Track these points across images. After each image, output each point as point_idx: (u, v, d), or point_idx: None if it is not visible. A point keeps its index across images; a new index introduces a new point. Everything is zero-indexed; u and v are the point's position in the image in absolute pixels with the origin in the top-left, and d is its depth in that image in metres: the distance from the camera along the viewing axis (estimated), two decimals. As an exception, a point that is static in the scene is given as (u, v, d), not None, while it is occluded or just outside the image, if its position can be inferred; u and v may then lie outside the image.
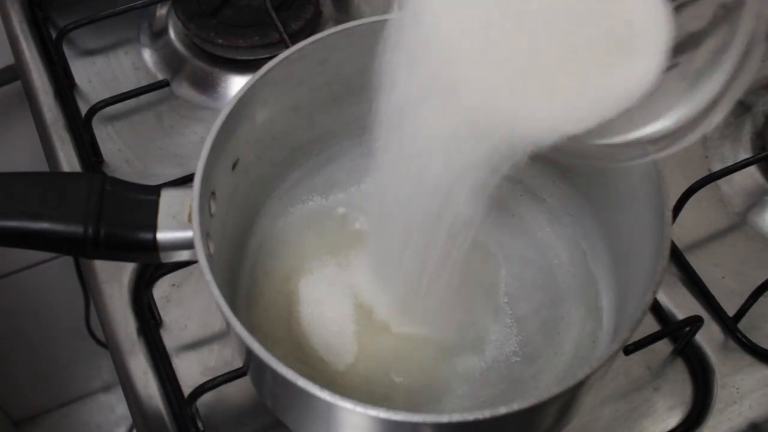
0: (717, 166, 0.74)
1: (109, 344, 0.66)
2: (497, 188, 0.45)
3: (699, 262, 0.69)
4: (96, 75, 0.80)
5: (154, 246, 0.51)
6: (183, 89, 0.79)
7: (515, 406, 0.44)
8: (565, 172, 0.64)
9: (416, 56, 0.39)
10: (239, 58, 0.79)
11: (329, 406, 0.45)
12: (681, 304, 0.67)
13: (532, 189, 0.66)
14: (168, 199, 0.52)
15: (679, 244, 0.70)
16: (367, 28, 0.59)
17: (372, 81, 0.63)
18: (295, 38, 0.76)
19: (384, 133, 0.44)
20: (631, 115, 0.40)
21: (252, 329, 0.57)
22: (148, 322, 0.65)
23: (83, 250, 0.51)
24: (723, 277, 0.69)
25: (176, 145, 0.76)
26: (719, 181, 0.72)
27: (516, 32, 0.37)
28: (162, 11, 0.84)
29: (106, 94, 0.75)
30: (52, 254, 1.23)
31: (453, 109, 0.39)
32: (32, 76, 0.79)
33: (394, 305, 0.55)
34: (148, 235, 0.51)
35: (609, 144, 0.41)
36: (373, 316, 0.56)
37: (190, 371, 0.63)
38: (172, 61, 0.81)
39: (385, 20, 0.58)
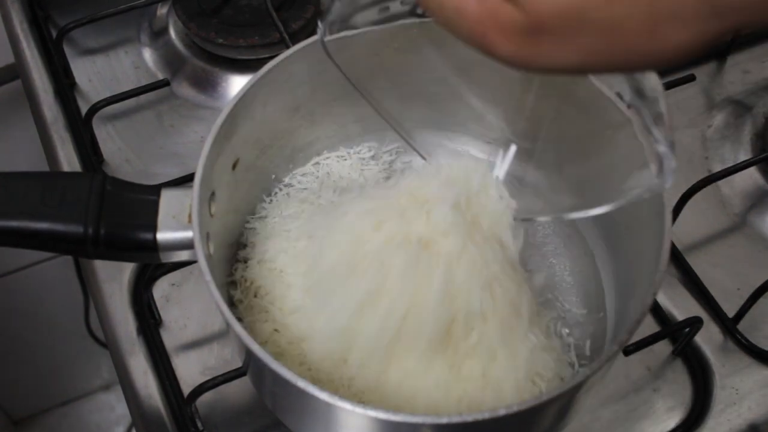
0: (717, 167, 0.74)
1: (108, 343, 0.66)
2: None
3: (699, 263, 0.69)
4: (96, 74, 0.80)
5: (154, 246, 0.51)
6: (183, 89, 0.79)
7: (515, 408, 0.44)
8: (565, 173, 0.64)
9: None
10: (240, 57, 0.79)
11: (328, 406, 0.45)
12: (681, 305, 0.67)
13: (533, 189, 0.66)
14: (168, 199, 0.52)
15: (679, 245, 0.70)
16: (367, 30, 0.59)
17: (372, 83, 0.63)
18: (296, 38, 0.76)
19: None
20: None
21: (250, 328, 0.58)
22: (148, 321, 0.65)
23: (83, 249, 0.51)
24: (723, 278, 0.69)
25: (176, 145, 0.76)
26: (719, 182, 0.72)
27: None
28: (162, 11, 0.84)
29: (106, 94, 0.75)
30: (52, 254, 1.23)
31: None
32: (32, 76, 0.79)
33: None
34: (148, 235, 0.51)
35: None
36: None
37: (189, 371, 0.63)
38: (172, 61, 0.81)
39: (386, 21, 0.59)
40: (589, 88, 0.56)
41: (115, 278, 0.67)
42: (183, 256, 0.52)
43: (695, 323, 0.63)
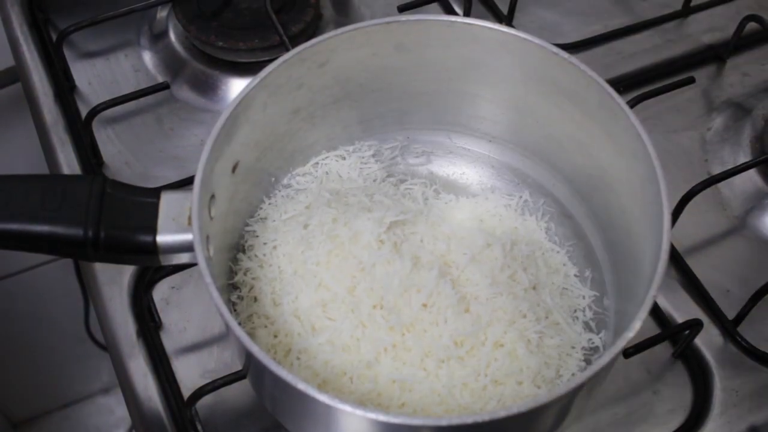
0: (717, 170, 0.74)
1: (108, 346, 0.66)
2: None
3: (699, 266, 0.69)
4: (96, 77, 0.81)
5: (154, 249, 0.51)
6: (183, 92, 0.79)
7: (514, 410, 0.44)
8: (566, 175, 0.64)
9: None
10: (239, 60, 0.79)
11: (328, 409, 0.45)
12: (680, 308, 0.67)
13: (534, 192, 0.66)
14: (168, 202, 0.52)
15: (679, 248, 0.70)
16: (367, 31, 0.59)
17: (372, 84, 0.63)
18: (296, 41, 0.76)
19: None
20: None
21: (251, 331, 0.58)
22: (148, 324, 0.65)
23: (83, 252, 0.51)
24: (723, 280, 0.69)
25: (176, 148, 0.76)
26: (719, 185, 0.72)
27: None
28: (162, 14, 0.84)
29: (106, 97, 0.75)
30: (52, 257, 1.23)
31: None
32: (32, 78, 0.79)
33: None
34: (148, 238, 0.51)
35: None
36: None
37: (189, 374, 0.63)
38: (172, 64, 0.81)
39: (385, 23, 0.59)
40: (587, 83, 0.56)
41: (115, 281, 0.67)
42: (183, 258, 0.52)
43: (695, 325, 0.63)
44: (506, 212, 0.65)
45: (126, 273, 0.67)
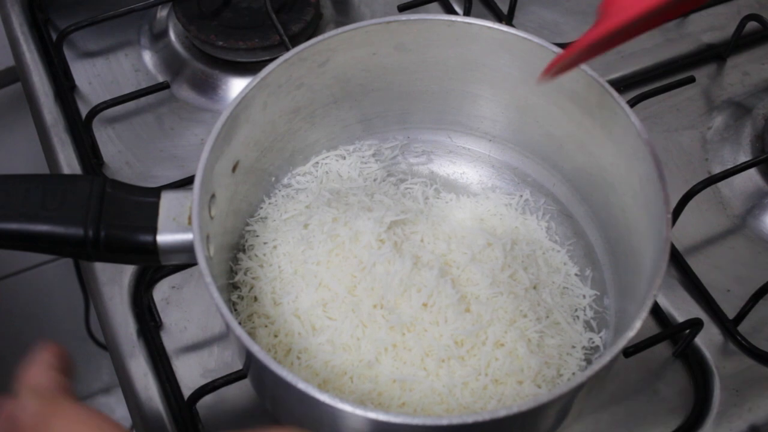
0: (717, 169, 0.74)
1: (108, 346, 0.66)
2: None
3: (699, 265, 0.69)
4: (96, 77, 0.81)
5: (154, 248, 0.51)
6: (183, 91, 0.79)
7: (515, 409, 0.44)
8: (566, 174, 0.64)
9: None
10: (239, 60, 0.79)
11: (329, 408, 0.45)
12: (681, 307, 0.67)
13: (534, 191, 0.66)
14: (168, 202, 0.52)
15: (679, 247, 0.70)
16: (367, 31, 0.59)
17: (372, 84, 0.64)
18: (296, 40, 0.76)
19: None
20: None
21: (251, 331, 0.58)
22: (148, 323, 0.65)
23: (83, 252, 0.51)
24: (723, 280, 0.69)
25: (176, 147, 0.76)
26: (719, 184, 0.72)
27: None
28: (162, 13, 0.84)
29: (106, 96, 0.75)
30: (53, 256, 1.23)
31: None
32: (32, 78, 0.79)
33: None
34: (149, 238, 0.51)
35: None
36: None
37: (190, 373, 0.63)
38: (172, 63, 0.81)
39: (385, 23, 0.59)
40: (587, 82, 0.56)
41: (116, 281, 0.67)
42: (183, 258, 0.52)
43: (695, 325, 0.63)
44: (507, 211, 0.65)
45: (126, 273, 0.67)
